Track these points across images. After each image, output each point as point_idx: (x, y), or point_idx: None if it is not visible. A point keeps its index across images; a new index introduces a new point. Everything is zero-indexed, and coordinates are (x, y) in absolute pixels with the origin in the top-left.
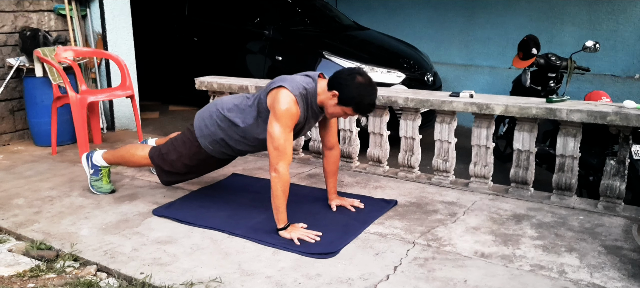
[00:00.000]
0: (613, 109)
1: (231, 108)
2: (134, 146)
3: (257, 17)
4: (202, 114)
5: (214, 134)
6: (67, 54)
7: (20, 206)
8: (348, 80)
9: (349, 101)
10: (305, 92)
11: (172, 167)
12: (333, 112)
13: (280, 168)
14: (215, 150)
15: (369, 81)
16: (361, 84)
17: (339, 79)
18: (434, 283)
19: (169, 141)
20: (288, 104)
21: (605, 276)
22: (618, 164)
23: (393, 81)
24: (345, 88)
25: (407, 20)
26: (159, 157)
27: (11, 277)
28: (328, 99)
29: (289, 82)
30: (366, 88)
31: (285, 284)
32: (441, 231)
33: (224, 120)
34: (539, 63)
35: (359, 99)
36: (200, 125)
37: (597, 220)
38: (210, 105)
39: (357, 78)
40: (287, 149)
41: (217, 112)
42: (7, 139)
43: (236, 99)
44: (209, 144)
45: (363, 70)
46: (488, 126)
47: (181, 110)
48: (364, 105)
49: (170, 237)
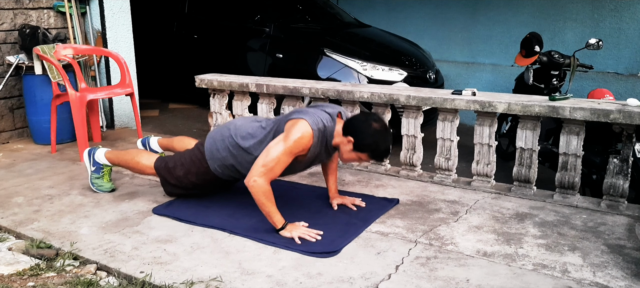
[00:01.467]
0: (616, 107)
1: (245, 136)
2: (140, 153)
3: (258, 14)
4: (214, 136)
5: (225, 158)
6: (67, 52)
7: (19, 204)
8: (364, 127)
9: (365, 148)
10: (323, 129)
11: (178, 182)
12: (348, 158)
13: (259, 180)
14: (224, 174)
15: (384, 127)
16: (377, 131)
17: (355, 125)
18: (436, 282)
19: (177, 156)
20: (302, 134)
21: (608, 275)
22: (621, 162)
23: (395, 79)
24: (360, 135)
25: (409, 18)
26: (165, 169)
27: (11, 276)
28: (343, 144)
29: (310, 115)
30: (382, 135)
31: (286, 283)
32: (443, 230)
33: (236, 148)
34: (542, 61)
35: (374, 147)
36: (211, 148)
37: (600, 219)
38: (223, 129)
39: (372, 125)
40: (275, 170)
41: (230, 138)
42: (7, 137)
43: (250, 127)
44: (218, 167)
45: (378, 116)
46: (490, 124)
47: (181, 108)
48: (380, 152)
49: (171, 235)
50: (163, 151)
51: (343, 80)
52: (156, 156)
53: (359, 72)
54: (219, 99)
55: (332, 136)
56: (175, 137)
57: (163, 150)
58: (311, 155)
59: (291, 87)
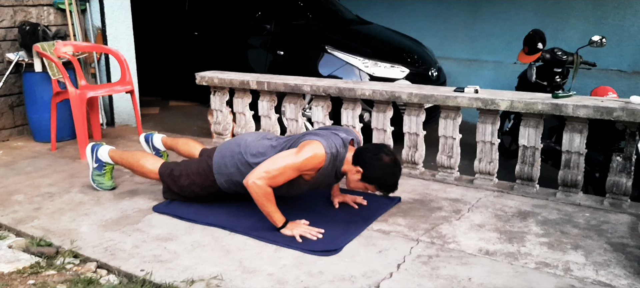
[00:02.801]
0: (619, 104)
1: (255, 154)
2: (145, 156)
3: (259, 11)
4: (223, 151)
5: (232, 174)
6: (67, 49)
7: (20, 202)
8: (374, 160)
9: (373, 180)
10: (336, 154)
11: (181, 190)
12: (355, 187)
13: (259, 182)
14: (229, 188)
15: (394, 160)
16: (386, 164)
17: (364, 157)
18: (437, 281)
19: (183, 164)
20: (314, 154)
21: (610, 273)
22: (624, 160)
23: (396, 76)
24: (370, 167)
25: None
26: (169, 177)
27: (11, 274)
28: (352, 173)
29: (325, 138)
30: (391, 168)
31: (287, 282)
32: (445, 228)
33: (245, 165)
34: (545, 58)
35: (383, 180)
36: (219, 163)
37: (603, 217)
38: (233, 144)
39: (383, 158)
40: (277, 180)
41: (239, 154)
42: (7, 134)
43: (261, 145)
44: (225, 182)
45: (389, 148)
46: (493, 122)
47: (182, 105)
48: (388, 186)
49: (171, 234)
50: (165, 150)
51: (345, 77)
52: (161, 161)
53: (360, 70)
54: (220, 97)
55: (342, 163)
56: (181, 139)
57: (166, 149)
58: (318, 177)
59: (292, 84)
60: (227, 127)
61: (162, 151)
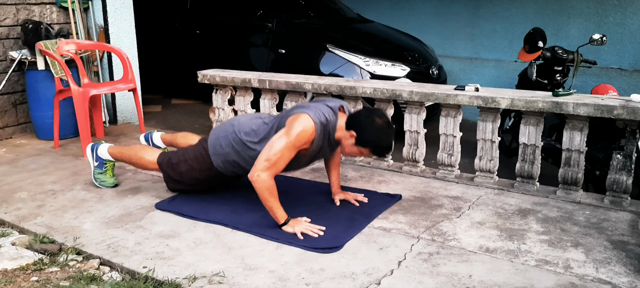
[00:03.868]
0: (620, 102)
1: (248, 132)
2: (143, 148)
3: (260, 9)
4: (218, 133)
5: (228, 154)
6: (69, 47)
7: (23, 199)
8: (366, 123)
9: (367, 143)
10: (326, 122)
11: (181, 177)
12: (350, 152)
13: (263, 175)
14: (227, 170)
15: (387, 123)
16: (380, 127)
17: (358, 120)
18: (438, 278)
19: (180, 152)
20: (304, 127)
21: (611, 271)
22: (625, 158)
23: (397, 74)
24: (363, 130)
25: (412, 13)
26: (168, 165)
27: (15, 271)
28: (345, 138)
29: (312, 109)
30: (384, 131)
31: (288, 279)
32: (446, 226)
33: (239, 144)
34: (546, 56)
35: (377, 142)
36: (214, 143)
37: (603, 215)
38: (227, 125)
39: (376, 121)
40: (279, 164)
41: (233, 133)
42: (10, 132)
43: (254, 123)
44: (222, 163)
45: (381, 112)
46: (494, 120)
47: (184, 103)
48: (382, 148)
49: (173, 231)
50: (166, 146)
51: (346, 75)
52: (159, 152)
53: (361, 68)
54: (222, 95)
55: (334, 130)
56: (179, 133)
57: (166, 146)
58: (314, 149)
59: (294, 82)
60: None
61: (162, 148)
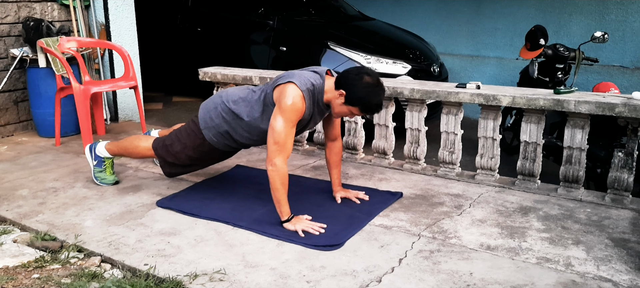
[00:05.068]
0: (621, 100)
1: (236, 100)
2: (138, 137)
3: (261, 7)
4: (207, 105)
5: (219, 126)
6: (71, 45)
7: (24, 197)
8: (355, 80)
9: (356, 101)
10: (312, 88)
11: (176, 158)
12: (339, 111)
13: (278, 161)
14: (219, 143)
15: (376, 81)
16: (369, 83)
17: (346, 78)
18: (439, 275)
19: (173, 132)
20: (294, 99)
21: (612, 269)
22: (626, 156)
23: (399, 72)
24: (352, 88)
25: (413, 11)
26: (162, 148)
27: (16, 268)
28: (335, 98)
29: (297, 77)
30: (374, 88)
31: (289, 276)
32: (447, 223)
33: (229, 113)
34: (547, 54)
35: (366, 99)
36: (204, 117)
37: (604, 213)
38: (215, 97)
39: (364, 78)
40: (288, 144)
41: (222, 104)
42: (11, 129)
43: (242, 92)
44: (213, 136)
45: (371, 70)
46: (495, 118)
47: (185, 101)
48: (372, 105)
49: (174, 228)
50: None
51: None
52: (153, 138)
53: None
54: None
55: (322, 93)
56: (174, 126)
57: None
58: (306, 116)
59: None
60: None
61: None
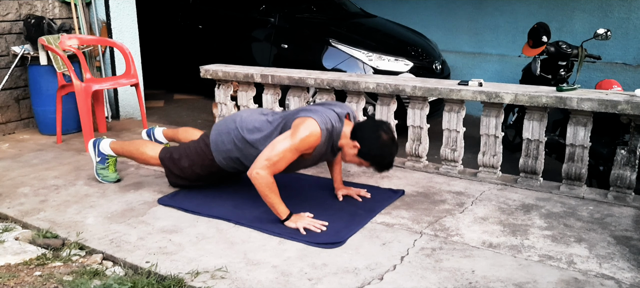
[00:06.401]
0: (624, 97)
1: (252, 130)
2: (144, 144)
3: (263, 4)
4: (220, 128)
5: (230, 151)
6: (72, 42)
7: (26, 194)
8: (371, 137)
9: (369, 157)
10: (331, 129)
11: (182, 172)
12: (350, 160)
13: (262, 173)
14: (228, 166)
15: (392, 139)
16: (384, 143)
17: (363, 131)
18: (441, 273)
19: (182, 147)
20: (310, 132)
21: (614, 266)
22: (629, 154)
23: (401, 69)
24: (367, 143)
25: (415, 8)
26: (170, 160)
27: (18, 265)
28: (348, 147)
29: (319, 114)
30: (388, 148)
31: (291, 273)
32: (449, 221)
33: (242, 141)
34: (549, 51)
35: (379, 159)
36: (216, 140)
37: (606, 211)
38: (229, 121)
39: (381, 136)
40: (279, 166)
41: (235, 130)
42: (13, 127)
43: (257, 121)
44: (223, 159)
45: (387, 125)
46: (497, 115)
47: (186, 98)
48: (383, 164)
49: (176, 226)
50: (168, 142)
51: (348, 70)
52: (161, 147)
53: (364, 63)
54: (224, 90)
55: (338, 137)
56: (180, 128)
57: (168, 141)
58: (316, 154)
59: (296, 77)
60: None
61: (164, 143)
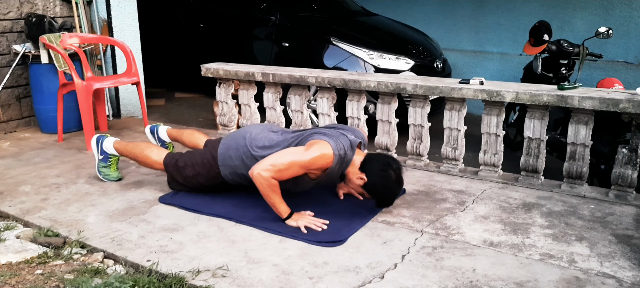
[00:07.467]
0: (626, 96)
1: (262, 147)
2: (149, 147)
3: (264, 2)
4: (228, 143)
5: (237, 167)
6: (73, 41)
7: (27, 193)
8: (380, 174)
9: (373, 192)
10: (343, 156)
11: (186, 181)
12: (353, 188)
13: (264, 174)
14: (233, 180)
15: (398, 179)
16: (391, 183)
17: (372, 166)
18: (442, 272)
19: (187, 155)
20: (322, 154)
21: (615, 265)
22: (630, 152)
23: (402, 68)
24: (375, 179)
25: (416, 6)
26: (174, 167)
27: (19, 264)
28: (355, 177)
29: (334, 139)
30: (394, 187)
31: (292, 272)
32: (450, 220)
33: (251, 159)
34: (551, 49)
35: (383, 197)
36: (224, 154)
37: (608, 209)
38: (238, 136)
39: (390, 175)
40: (282, 174)
41: (245, 147)
42: (14, 125)
43: (267, 139)
44: (229, 174)
45: (397, 164)
46: (498, 113)
47: (187, 97)
48: (386, 201)
49: (177, 224)
50: (171, 141)
51: (350, 69)
52: (166, 152)
53: (365, 61)
54: (225, 88)
55: (348, 164)
56: (186, 130)
57: (171, 141)
58: (324, 177)
59: (297, 76)
60: (233, 118)
61: (167, 143)
